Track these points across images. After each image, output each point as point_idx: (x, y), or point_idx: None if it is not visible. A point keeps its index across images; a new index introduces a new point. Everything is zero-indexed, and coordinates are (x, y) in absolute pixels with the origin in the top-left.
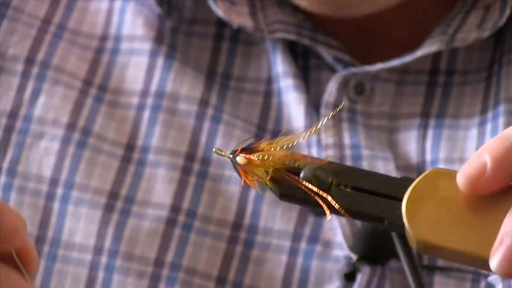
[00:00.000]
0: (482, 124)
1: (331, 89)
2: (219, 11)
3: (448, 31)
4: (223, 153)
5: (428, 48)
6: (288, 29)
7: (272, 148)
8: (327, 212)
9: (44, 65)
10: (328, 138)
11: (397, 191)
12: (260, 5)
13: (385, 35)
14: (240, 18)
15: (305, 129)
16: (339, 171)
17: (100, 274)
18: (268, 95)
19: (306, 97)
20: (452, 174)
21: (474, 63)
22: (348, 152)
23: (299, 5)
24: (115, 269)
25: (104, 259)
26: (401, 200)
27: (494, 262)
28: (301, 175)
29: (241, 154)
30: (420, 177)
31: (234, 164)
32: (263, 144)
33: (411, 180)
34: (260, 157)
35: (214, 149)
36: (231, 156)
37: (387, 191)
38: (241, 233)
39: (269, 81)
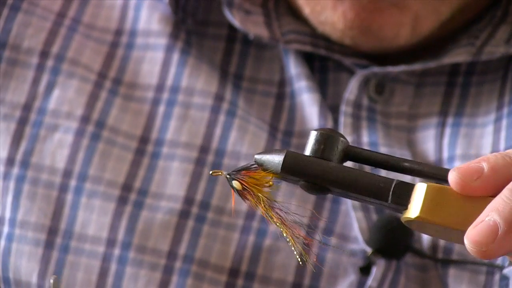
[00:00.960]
0: (497, 120)
1: (352, 87)
2: (236, 21)
3: (476, 43)
4: (219, 173)
5: (454, 58)
6: (304, 39)
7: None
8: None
9: (59, 58)
10: (347, 137)
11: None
12: (275, 14)
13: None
14: (256, 28)
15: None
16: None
17: (113, 266)
18: (280, 97)
19: (320, 97)
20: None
21: (494, 63)
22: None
23: (330, 35)
24: (128, 261)
25: (117, 251)
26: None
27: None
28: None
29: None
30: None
31: (230, 184)
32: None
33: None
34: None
35: (210, 172)
36: (228, 176)
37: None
38: (253, 223)
39: (281, 84)
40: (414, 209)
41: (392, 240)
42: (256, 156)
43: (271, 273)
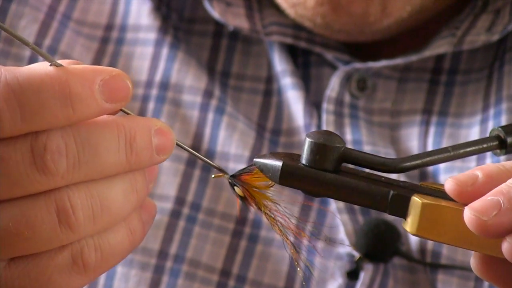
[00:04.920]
0: (484, 121)
1: (334, 84)
2: (215, 13)
3: (457, 34)
4: (221, 175)
5: (435, 50)
6: (285, 31)
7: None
8: None
9: (51, 51)
10: None
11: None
12: (257, 6)
13: (387, 34)
14: (236, 20)
15: (305, 127)
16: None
17: None
18: (268, 94)
19: (305, 94)
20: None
21: (478, 62)
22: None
23: (302, 18)
24: None
25: None
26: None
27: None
28: None
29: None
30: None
31: (233, 186)
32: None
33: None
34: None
35: (213, 176)
36: (230, 178)
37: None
38: (245, 228)
39: (269, 80)
40: (411, 225)
41: (380, 244)
42: (256, 160)
43: (262, 277)
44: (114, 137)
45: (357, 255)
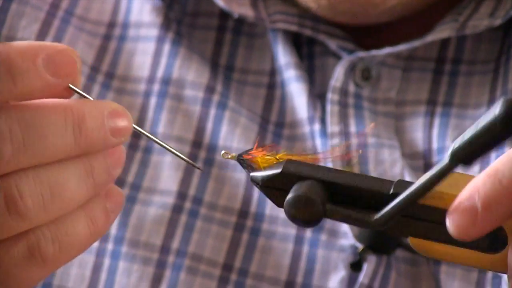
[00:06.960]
0: None
1: (338, 74)
2: (220, 1)
3: (460, 19)
4: (230, 156)
5: (438, 34)
6: (290, 19)
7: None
8: None
9: None
10: (333, 127)
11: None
12: None
13: (391, 23)
14: (240, 8)
15: (308, 119)
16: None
17: (106, 261)
18: (271, 87)
19: (308, 87)
20: None
21: (482, 54)
22: (354, 141)
23: (310, 8)
24: (121, 256)
25: (110, 246)
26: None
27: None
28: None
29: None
30: None
31: (243, 165)
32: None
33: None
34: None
35: (221, 153)
36: (237, 156)
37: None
38: (247, 221)
39: (272, 73)
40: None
41: (383, 236)
42: (252, 175)
43: (264, 271)
44: (60, 118)
45: (360, 246)
